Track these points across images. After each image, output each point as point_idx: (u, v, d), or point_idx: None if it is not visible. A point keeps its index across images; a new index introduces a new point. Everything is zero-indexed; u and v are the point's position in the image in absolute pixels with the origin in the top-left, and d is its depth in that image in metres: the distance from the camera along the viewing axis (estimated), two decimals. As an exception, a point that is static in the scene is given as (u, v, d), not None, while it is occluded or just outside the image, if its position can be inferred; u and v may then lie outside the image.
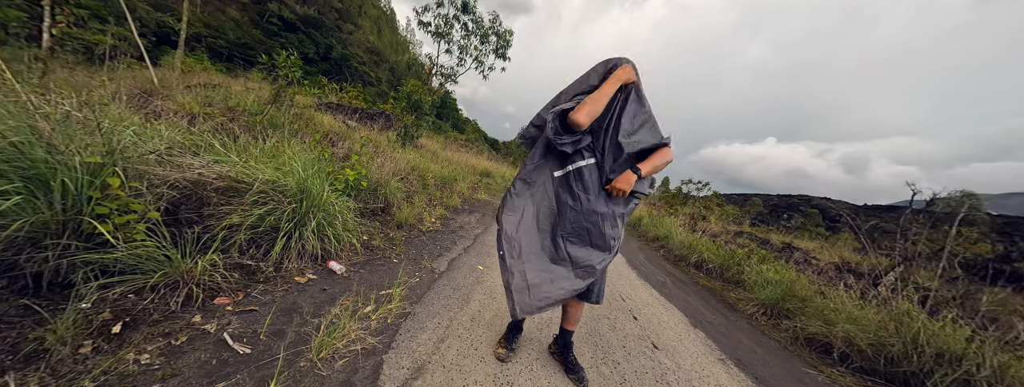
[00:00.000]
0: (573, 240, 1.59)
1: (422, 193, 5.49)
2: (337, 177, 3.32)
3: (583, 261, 1.58)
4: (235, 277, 2.03)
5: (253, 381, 1.38)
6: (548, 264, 1.61)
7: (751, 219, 21.33)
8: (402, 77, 48.54)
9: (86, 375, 1.23)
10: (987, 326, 3.06)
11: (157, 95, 4.71)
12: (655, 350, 2.39)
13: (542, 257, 1.62)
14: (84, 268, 1.61)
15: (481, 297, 2.66)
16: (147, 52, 5.77)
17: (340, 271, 2.54)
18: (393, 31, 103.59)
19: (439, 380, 1.64)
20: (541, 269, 1.59)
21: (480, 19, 18.50)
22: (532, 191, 1.66)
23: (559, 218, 1.61)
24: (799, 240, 12.03)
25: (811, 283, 4.09)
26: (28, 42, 4.63)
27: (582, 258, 1.58)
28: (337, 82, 13.26)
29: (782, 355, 2.94)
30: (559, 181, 1.62)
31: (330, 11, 57.77)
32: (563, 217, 1.60)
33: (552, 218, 1.64)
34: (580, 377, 1.82)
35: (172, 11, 17.50)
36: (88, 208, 1.66)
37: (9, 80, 2.47)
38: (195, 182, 2.27)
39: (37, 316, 1.41)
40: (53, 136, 1.79)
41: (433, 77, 19.32)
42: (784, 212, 41.73)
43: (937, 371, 2.46)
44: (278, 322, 1.80)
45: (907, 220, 5.33)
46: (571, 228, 1.59)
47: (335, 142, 5.68)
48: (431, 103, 11.76)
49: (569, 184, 1.59)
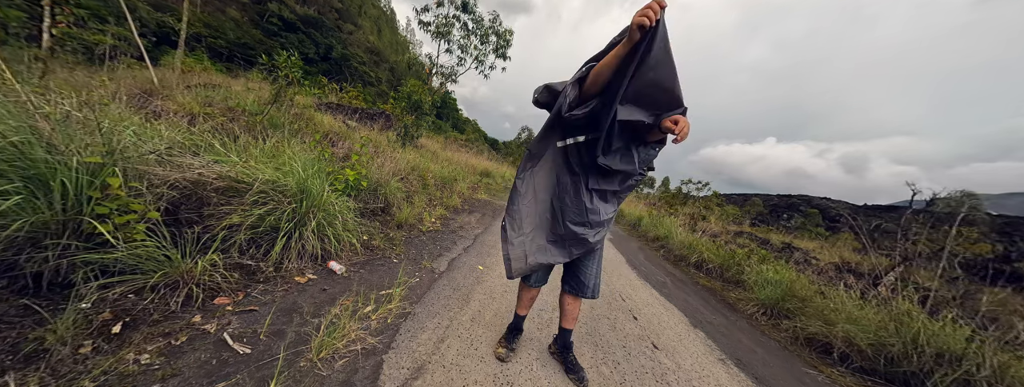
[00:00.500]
0: (571, 216, 1.59)
1: (422, 193, 5.49)
2: (337, 177, 3.32)
3: (578, 235, 1.60)
4: (235, 277, 2.03)
5: (253, 381, 1.38)
6: (546, 237, 1.65)
7: (751, 219, 21.34)
8: (402, 77, 48.53)
9: (86, 375, 1.23)
10: (987, 326, 3.06)
11: (157, 95, 4.71)
12: (655, 350, 2.39)
13: (541, 230, 1.65)
14: (84, 268, 1.61)
15: (481, 297, 2.66)
16: (147, 52, 5.77)
17: (340, 271, 2.54)
18: (393, 31, 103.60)
19: (439, 380, 1.64)
20: (539, 243, 1.65)
21: (480, 19, 18.52)
22: (536, 164, 1.64)
23: (558, 190, 1.62)
24: (799, 240, 12.04)
25: (811, 283, 4.09)
26: (28, 42, 4.63)
27: (578, 233, 1.59)
28: (337, 82, 13.26)
29: (782, 355, 2.93)
30: (560, 153, 1.60)
31: (330, 11, 57.78)
32: (563, 190, 1.60)
33: (552, 190, 1.64)
34: (580, 377, 1.82)
35: (172, 11, 17.49)
36: (88, 208, 1.66)
37: (9, 80, 2.47)
38: (195, 182, 2.27)
39: (37, 316, 1.41)
40: (53, 136, 1.79)
41: (433, 77, 19.33)
42: (784, 212, 41.74)
43: (937, 371, 2.46)
44: (278, 322, 1.80)
45: (907, 220, 5.33)
46: (570, 201, 1.59)
47: (335, 142, 5.68)
48: (431, 103, 11.76)
49: (568, 158, 1.58)
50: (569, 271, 1.82)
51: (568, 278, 1.82)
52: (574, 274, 1.79)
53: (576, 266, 1.78)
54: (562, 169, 1.60)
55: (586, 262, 1.77)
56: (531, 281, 1.85)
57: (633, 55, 1.19)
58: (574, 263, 1.79)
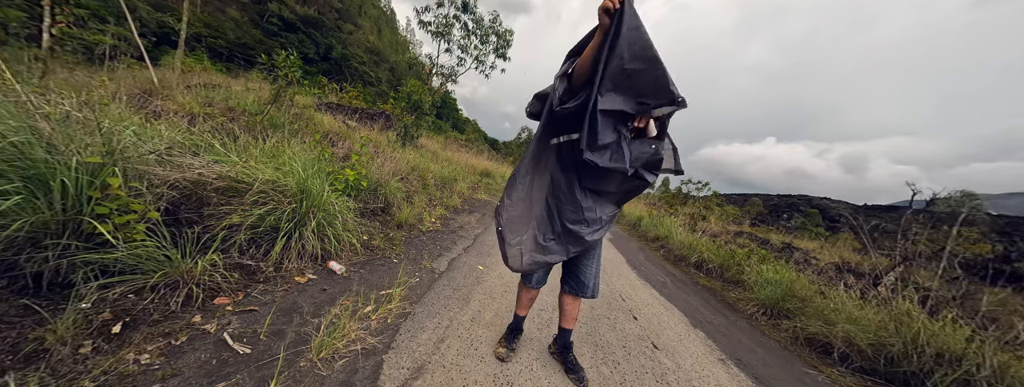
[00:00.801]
0: (567, 214, 1.57)
1: (422, 193, 5.49)
2: (337, 177, 3.32)
3: (574, 232, 1.57)
4: (235, 277, 2.03)
5: (253, 381, 1.38)
6: (542, 237, 1.62)
7: (751, 219, 21.33)
8: (402, 77, 48.56)
9: (86, 375, 1.23)
10: (987, 326, 3.06)
11: (157, 95, 4.71)
12: (655, 350, 2.39)
13: (539, 229, 1.63)
14: (84, 268, 1.61)
15: (481, 297, 2.66)
16: (147, 52, 5.76)
17: (340, 271, 2.54)
18: (393, 31, 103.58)
19: (439, 380, 1.64)
20: (534, 243, 1.62)
21: (480, 19, 18.51)
22: (532, 162, 1.63)
23: (553, 189, 1.61)
24: (799, 240, 12.03)
25: (811, 283, 4.09)
26: (28, 42, 4.62)
27: (574, 230, 1.57)
28: (337, 82, 13.26)
29: (782, 355, 2.93)
30: (554, 151, 1.59)
31: (330, 11, 57.78)
32: (557, 188, 1.59)
33: (547, 189, 1.63)
34: (580, 377, 1.82)
35: (172, 11, 17.49)
36: (88, 208, 1.66)
37: (9, 80, 2.47)
38: (195, 182, 2.27)
39: (37, 316, 1.41)
40: (53, 136, 1.79)
41: (433, 77, 19.32)
42: (784, 212, 41.73)
43: (937, 371, 2.46)
44: (278, 322, 1.80)
45: (907, 220, 5.33)
46: (564, 199, 1.57)
47: (335, 142, 5.68)
48: (431, 103, 11.76)
49: (561, 156, 1.57)
50: (568, 271, 1.81)
51: (567, 278, 1.82)
52: (574, 274, 1.79)
53: (575, 266, 1.78)
54: (556, 167, 1.59)
55: (585, 262, 1.77)
56: (532, 282, 1.84)
57: (604, 41, 1.17)
58: (573, 263, 1.78)
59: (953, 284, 4.54)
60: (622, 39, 1.14)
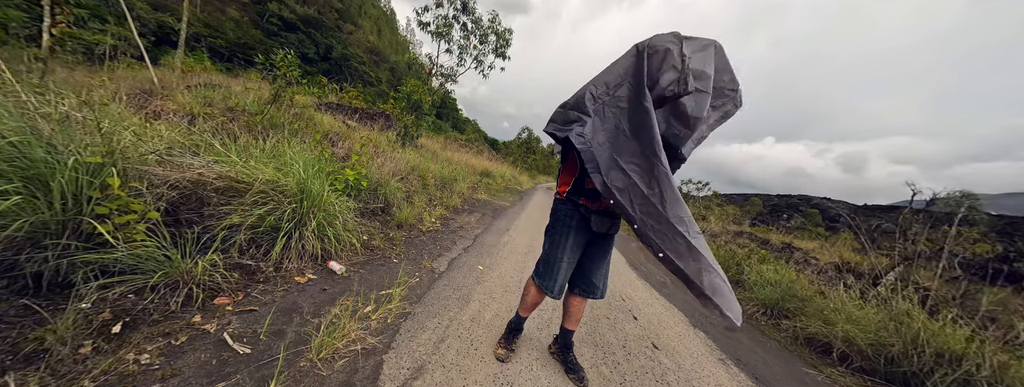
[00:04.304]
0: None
1: (422, 193, 5.49)
2: (337, 177, 3.32)
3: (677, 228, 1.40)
4: (235, 277, 2.03)
5: (253, 381, 1.38)
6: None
7: (751, 219, 21.32)
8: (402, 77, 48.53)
9: (86, 375, 1.23)
10: (987, 326, 3.06)
11: (157, 95, 4.71)
12: (655, 350, 2.39)
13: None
14: (84, 268, 1.61)
15: (481, 297, 2.65)
16: (147, 52, 5.76)
17: (340, 271, 2.54)
18: (393, 31, 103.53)
19: (439, 380, 1.64)
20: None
21: (479, 19, 18.52)
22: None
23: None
24: (799, 240, 12.02)
25: (811, 283, 4.09)
26: (28, 42, 4.63)
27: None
28: (337, 82, 13.24)
29: (782, 355, 2.93)
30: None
31: (330, 11, 57.79)
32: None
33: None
34: (580, 377, 1.82)
35: (172, 11, 17.49)
36: (88, 208, 1.66)
37: (9, 80, 2.46)
38: (195, 182, 2.27)
39: (37, 316, 1.41)
40: (53, 136, 1.79)
41: (433, 77, 19.32)
42: (784, 212, 41.71)
43: (937, 371, 2.46)
44: (278, 322, 1.80)
45: (907, 220, 5.33)
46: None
47: (335, 142, 5.68)
48: (431, 103, 11.77)
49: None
50: (580, 272, 1.78)
51: (578, 280, 1.79)
52: (585, 275, 1.76)
53: (589, 268, 1.75)
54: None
55: (599, 263, 1.75)
56: (555, 291, 1.69)
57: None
58: (587, 265, 1.75)
59: (953, 284, 4.54)
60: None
